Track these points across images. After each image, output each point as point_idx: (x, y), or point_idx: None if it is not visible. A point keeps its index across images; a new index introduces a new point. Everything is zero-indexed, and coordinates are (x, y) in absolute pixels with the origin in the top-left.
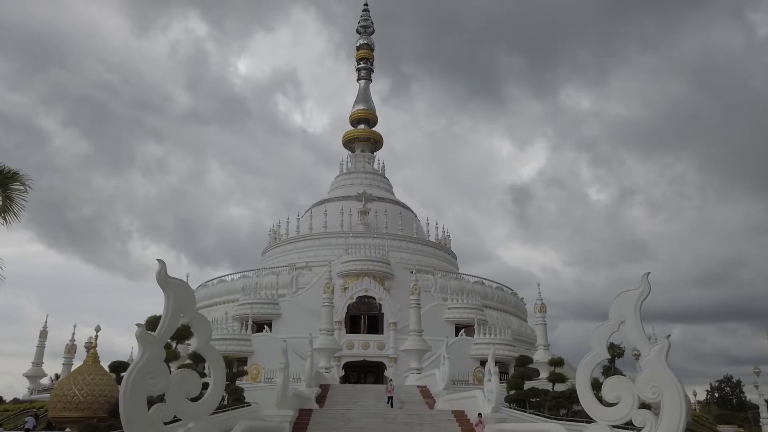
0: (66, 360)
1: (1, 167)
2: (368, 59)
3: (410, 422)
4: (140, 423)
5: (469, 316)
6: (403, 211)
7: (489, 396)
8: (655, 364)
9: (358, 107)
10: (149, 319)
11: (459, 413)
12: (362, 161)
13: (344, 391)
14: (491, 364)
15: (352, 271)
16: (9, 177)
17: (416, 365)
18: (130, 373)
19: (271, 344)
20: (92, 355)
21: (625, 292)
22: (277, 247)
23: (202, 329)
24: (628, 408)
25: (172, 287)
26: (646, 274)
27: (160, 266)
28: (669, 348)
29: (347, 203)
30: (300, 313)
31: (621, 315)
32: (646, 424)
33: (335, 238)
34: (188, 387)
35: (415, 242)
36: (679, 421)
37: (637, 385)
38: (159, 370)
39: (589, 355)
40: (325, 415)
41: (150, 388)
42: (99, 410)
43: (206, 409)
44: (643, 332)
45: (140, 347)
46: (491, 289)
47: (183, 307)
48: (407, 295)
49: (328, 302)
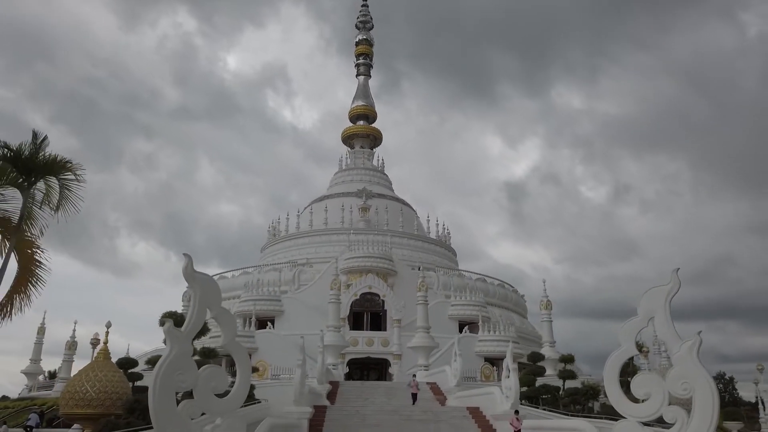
0: (66, 357)
1: (54, 155)
2: (367, 55)
3: (426, 419)
4: (169, 419)
5: (473, 313)
6: (403, 208)
7: (507, 393)
8: (686, 360)
9: (357, 103)
10: (165, 314)
11: (474, 410)
12: (362, 157)
13: (354, 388)
14: (509, 361)
15: (355, 268)
16: (61, 165)
17: (424, 362)
18: (159, 369)
19: (274, 341)
20: (103, 352)
21: (654, 288)
22: (276, 244)
23: (229, 325)
24: (658, 404)
25: (199, 282)
26: (676, 269)
27: (186, 261)
28: (700, 344)
29: (348, 200)
30: (303, 309)
31: (650, 311)
32: (678, 420)
33: (336, 234)
34: (215, 383)
35: (416, 239)
36: (711, 417)
37: (668, 381)
38: (187, 365)
39: (617, 351)
40: (340, 412)
41: (179, 384)
42: (112, 407)
43: (233, 405)
44: (673, 328)
45: (168, 343)
46: (493, 286)
47: (209, 302)
48: (410, 292)
49: (335, 299)
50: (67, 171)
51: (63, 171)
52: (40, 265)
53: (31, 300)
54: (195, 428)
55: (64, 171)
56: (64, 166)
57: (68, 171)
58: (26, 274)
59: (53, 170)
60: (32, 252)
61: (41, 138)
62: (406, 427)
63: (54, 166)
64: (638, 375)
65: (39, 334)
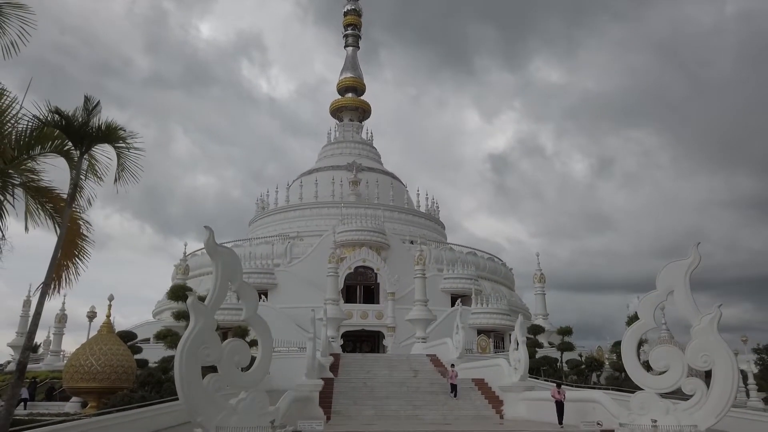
0: (57, 330)
1: (109, 122)
2: (356, 25)
3: (434, 391)
4: (196, 393)
5: (465, 286)
6: (393, 181)
7: (516, 365)
8: (706, 333)
9: (345, 75)
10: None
11: (479, 381)
12: (351, 130)
13: (355, 361)
14: (518, 333)
15: (349, 242)
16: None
17: (422, 334)
18: (184, 343)
19: (269, 314)
20: (106, 325)
21: (674, 262)
22: (266, 217)
23: (250, 298)
24: (677, 376)
25: (221, 255)
26: (697, 243)
27: (208, 234)
28: (720, 317)
29: (338, 173)
30: (296, 283)
31: (670, 285)
32: (697, 391)
33: (327, 208)
34: (239, 357)
35: (407, 213)
36: (731, 389)
37: (688, 353)
38: (212, 339)
39: (636, 324)
40: (347, 384)
41: (204, 359)
42: (117, 381)
43: (257, 379)
44: (693, 301)
45: (192, 317)
46: (483, 259)
47: (231, 276)
48: (403, 266)
49: (333, 272)
50: (122, 139)
51: (118, 139)
52: (86, 239)
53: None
54: (221, 402)
55: (119, 139)
56: (118, 135)
57: (122, 139)
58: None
59: (109, 138)
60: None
61: (94, 103)
62: (415, 398)
63: (111, 134)
64: (657, 347)
65: (25, 306)
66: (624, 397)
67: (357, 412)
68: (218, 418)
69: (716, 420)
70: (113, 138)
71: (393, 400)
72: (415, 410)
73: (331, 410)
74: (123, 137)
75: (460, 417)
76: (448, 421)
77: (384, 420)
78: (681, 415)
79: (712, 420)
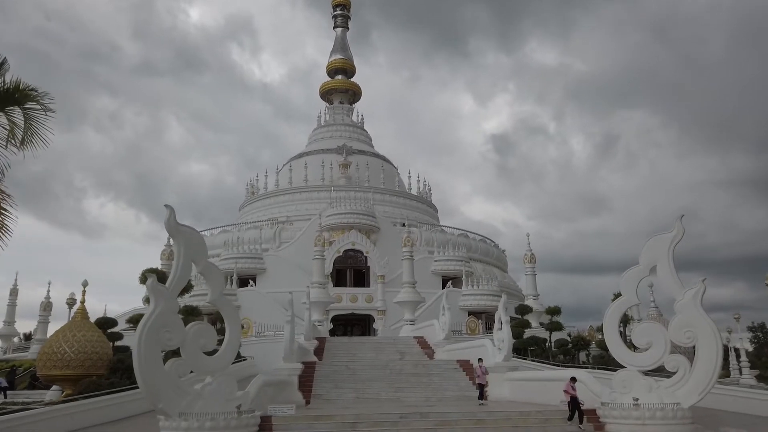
0: (42, 318)
1: (17, 82)
2: (345, 5)
3: (418, 373)
4: (157, 379)
5: (456, 268)
6: (384, 164)
7: (500, 345)
8: (689, 308)
9: (335, 57)
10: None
11: (464, 362)
12: (341, 113)
13: (341, 344)
14: (502, 313)
15: (338, 225)
16: (26, 94)
17: (410, 317)
18: (143, 327)
19: (257, 299)
20: (81, 311)
21: (658, 236)
22: (256, 201)
23: (215, 280)
24: (660, 353)
25: (183, 235)
26: (680, 216)
27: (168, 212)
28: (704, 292)
29: (328, 156)
30: (284, 267)
31: (652, 259)
32: (680, 368)
33: (317, 191)
34: (204, 340)
35: (398, 195)
36: (714, 365)
37: (671, 330)
38: (173, 323)
39: (618, 300)
40: (329, 367)
41: (165, 343)
42: (92, 368)
43: (224, 363)
44: (676, 276)
45: (152, 299)
46: (474, 241)
47: (195, 257)
48: (393, 249)
49: (319, 255)
50: (32, 101)
51: (27, 100)
52: (5, 212)
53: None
54: (185, 387)
55: (28, 100)
56: (27, 95)
57: (33, 100)
58: None
59: (16, 100)
60: None
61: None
62: (398, 381)
63: (17, 95)
64: (640, 324)
65: (12, 295)
66: (609, 376)
67: (337, 396)
68: (182, 404)
69: (699, 397)
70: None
71: (375, 382)
72: (397, 392)
73: (311, 394)
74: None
75: (443, 399)
76: (431, 403)
77: (363, 403)
78: (664, 392)
79: (696, 397)
